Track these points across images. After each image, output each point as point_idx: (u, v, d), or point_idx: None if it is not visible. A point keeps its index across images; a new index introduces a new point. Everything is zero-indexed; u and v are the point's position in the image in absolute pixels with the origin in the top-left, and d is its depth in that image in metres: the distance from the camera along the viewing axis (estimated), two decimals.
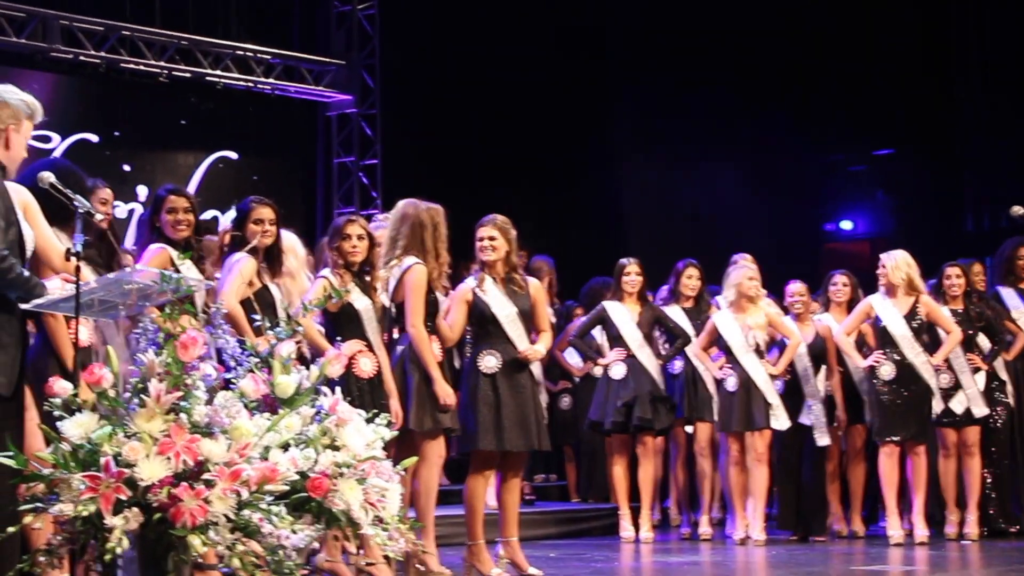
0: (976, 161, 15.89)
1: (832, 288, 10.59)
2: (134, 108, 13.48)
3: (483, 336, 7.97)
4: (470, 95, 14.74)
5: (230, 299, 6.93)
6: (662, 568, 9.16)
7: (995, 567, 8.88)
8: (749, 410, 9.92)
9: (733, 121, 15.68)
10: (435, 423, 7.61)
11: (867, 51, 15.62)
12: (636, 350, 10.25)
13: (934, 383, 9.97)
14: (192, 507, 4.81)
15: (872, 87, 15.58)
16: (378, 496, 5.35)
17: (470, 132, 14.76)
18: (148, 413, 4.94)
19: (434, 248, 7.72)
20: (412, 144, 14.63)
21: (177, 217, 6.98)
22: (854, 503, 10.61)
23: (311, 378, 5.50)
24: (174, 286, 5.24)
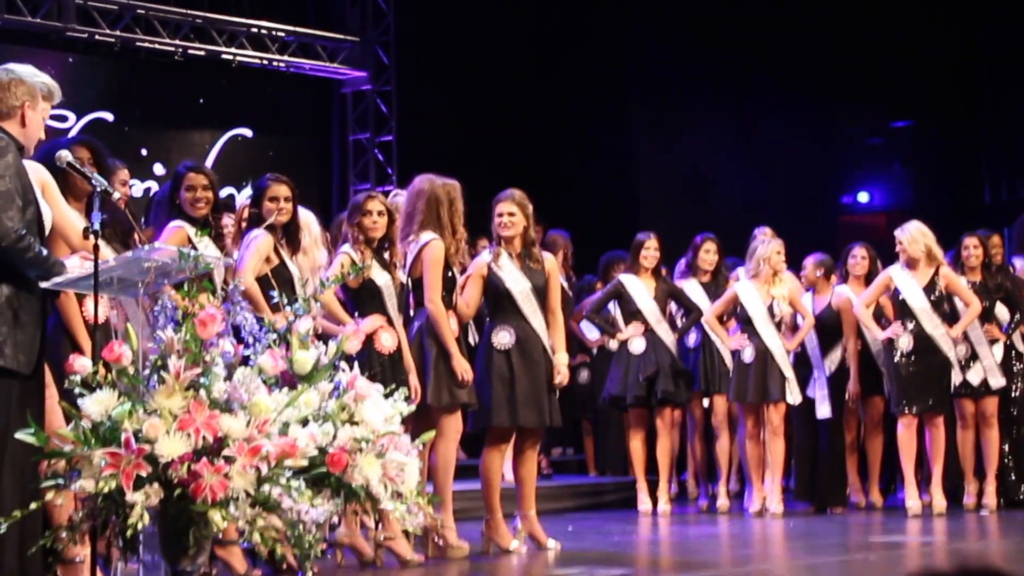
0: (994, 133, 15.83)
1: (851, 260, 10.58)
2: (149, 87, 13.49)
3: (497, 312, 7.99)
4: (485, 71, 14.72)
5: (247, 276, 6.95)
6: (680, 541, 9.18)
7: (1013, 537, 8.89)
8: (765, 382, 9.92)
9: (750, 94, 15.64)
10: (453, 398, 7.64)
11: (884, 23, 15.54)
12: (654, 324, 10.26)
13: (952, 355, 9.97)
14: (212, 483, 4.85)
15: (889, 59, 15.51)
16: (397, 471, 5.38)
17: (485, 108, 14.75)
18: (168, 390, 4.97)
19: (450, 223, 7.75)
20: (427, 120, 14.62)
21: (196, 195, 6.99)
22: (872, 474, 10.62)
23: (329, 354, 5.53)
24: (192, 264, 5.26)
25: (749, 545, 8.82)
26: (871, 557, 7.87)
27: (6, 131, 5.26)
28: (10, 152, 5.19)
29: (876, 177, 16.69)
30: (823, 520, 9.83)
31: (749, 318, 10.02)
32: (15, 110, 5.32)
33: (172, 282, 5.46)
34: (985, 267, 10.32)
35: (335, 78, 14.87)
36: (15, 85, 5.34)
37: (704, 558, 8.06)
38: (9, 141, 5.23)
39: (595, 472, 11.97)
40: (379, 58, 14.80)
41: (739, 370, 10.03)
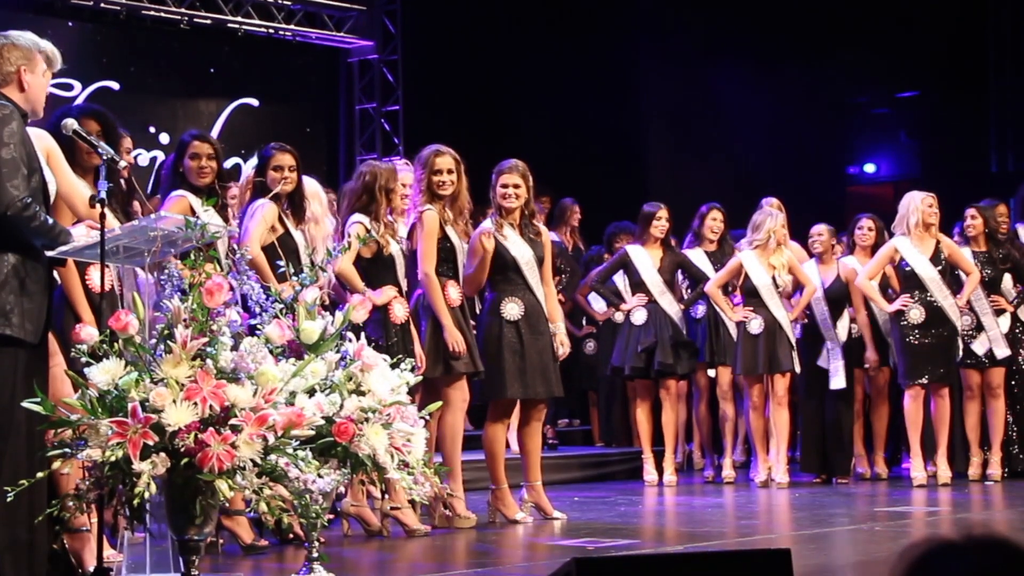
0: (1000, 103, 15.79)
1: (858, 232, 10.56)
2: (155, 55, 13.46)
3: (504, 282, 7.97)
4: (491, 41, 14.68)
5: (254, 245, 6.95)
6: (686, 511, 9.19)
7: (1018, 508, 8.90)
8: (774, 353, 9.91)
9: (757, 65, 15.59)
10: (447, 369, 7.63)
11: None
12: (658, 296, 10.24)
13: (959, 324, 9.96)
14: (219, 452, 4.85)
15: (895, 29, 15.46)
16: (403, 441, 5.40)
17: (491, 78, 14.71)
18: (174, 359, 4.97)
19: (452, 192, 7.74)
20: (434, 90, 14.58)
21: (201, 163, 6.98)
22: (877, 445, 10.62)
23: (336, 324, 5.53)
24: (198, 233, 5.25)
25: (755, 515, 8.83)
26: (876, 527, 7.87)
27: (8, 98, 5.23)
28: (14, 120, 5.17)
29: (882, 147, 16.66)
30: (828, 490, 9.85)
31: (755, 289, 10.00)
32: (11, 75, 5.28)
33: (178, 251, 5.46)
34: (990, 237, 10.30)
35: (341, 47, 14.83)
36: (8, 50, 5.29)
37: (709, 529, 8.07)
38: (12, 109, 5.20)
39: (601, 443, 11.99)
40: (386, 27, 14.76)
41: (746, 342, 10.01)
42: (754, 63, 15.54)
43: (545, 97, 14.88)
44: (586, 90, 15.24)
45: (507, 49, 14.71)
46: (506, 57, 14.72)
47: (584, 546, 6.97)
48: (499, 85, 14.70)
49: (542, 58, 14.84)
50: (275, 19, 13.99)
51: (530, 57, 14.80)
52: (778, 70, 15.49)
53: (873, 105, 16.68)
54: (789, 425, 10.16)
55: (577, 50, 15.11)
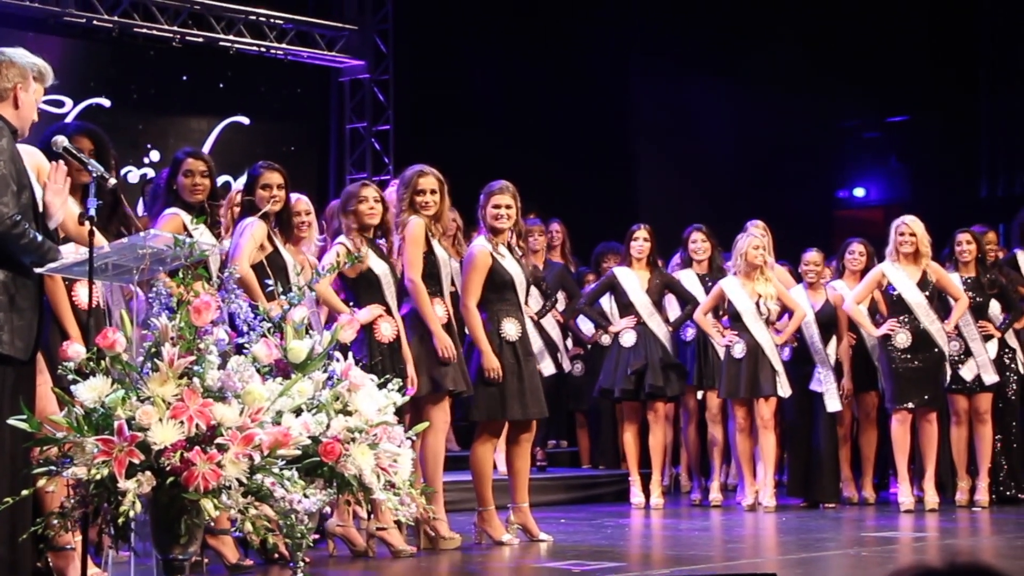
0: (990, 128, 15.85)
1: (849, 256, 10.57)
2: (147, 73, 13.47)
3: (500, 302, 7.96)
4: (482, 61, 14.72)
5: (242, 264, 6.94)
6: (672, 534, 9.18)
7: (1005, 534, 8.90)
8: (756, 377, 9.92)
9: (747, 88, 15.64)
10: (433, 387, 7.61)
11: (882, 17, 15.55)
12: (646, 317, 10.25)
13: (947, 349, 9.98)
14: (205, 471, 4.84)
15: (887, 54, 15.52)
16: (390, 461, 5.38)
17: (481, 98, 14.74)
18: (161, 377, 4.96)
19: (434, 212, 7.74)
20: (424, 110, 14.61)
21: (195, 180, 6.98)
22: (865, 469, 10.62)
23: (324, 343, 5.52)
24: (188, 251, 5.25)
25: (741, 539, 8.81)
26: (863, 552, 7.87)
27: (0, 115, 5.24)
28: (4, 136, 5.17)
29: (872, 172, 16.71)
30: (815, 515, 9.84)
31: (738, 314, 10.02)
32: (7, 92, 5.29)
33: (167, 269, 5.45)
34: (980, 263, 10.32)
35: (333, 66, 14.85)
36: (6, 67, 5.31)
37: (696, 552, 8.06)
38: (3, 125, 5.21)
39: (588, 465, 11.98)
40: (377, 47, 14.79)
41: (730, 366, 10.02)
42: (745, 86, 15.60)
43: (535, 117, 14.90)
44: (576, 111, 15.27)
45: (498, 69, 14.74)
46: (497, 78, 14.75)
47: (570, 569, 6.95)
48: (489, 105, 14.73)
49: (533, 79, 14.88)
50: (267, 38, 14.01)
51: (520, 78, 14.84)
52: (769, 94, 15.54)
53: (864, 129, 16.75)
54: (776, 449, 10.17)
55: (567, 71, 15.14)
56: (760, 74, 15.58)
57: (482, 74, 14.75)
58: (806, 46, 15.50)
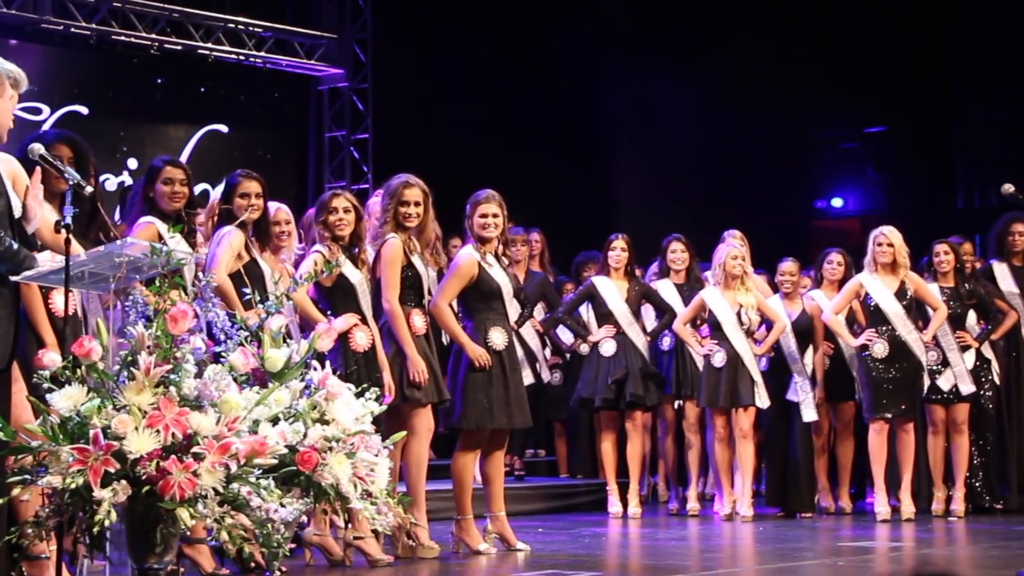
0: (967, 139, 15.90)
1: (827, 266, 10.59)
2: (125, 80, 13.44)
3: (487, 311, 7.95)
4: (461, 70, 14.72)
5: (220, 272, 6.92)
6: (650, 544, 9.18)
7: (981, 544, 8.92)
8: (736, 387, 9.94)
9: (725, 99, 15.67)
10: (411, 397, 7.60)
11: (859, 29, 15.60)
12: (625, 327, 10.26)
13: (924, 359, 10.01)
14: (181, 480, 4.83)
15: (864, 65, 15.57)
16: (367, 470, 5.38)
17: (460, 107, 14.75)
18: (137, 386, 4.95)
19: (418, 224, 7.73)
20: (403, 119, 14.60)
21: (174, 189, 6.94)
22: (842, 479, 10.64)
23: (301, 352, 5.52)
24: (164, 259, 5.23)
25: (718, 549, 8.82)
26: (840, 562, 7.88)
27: None
28: None
29: (850, 182, 16.75)
30: (793, 524, 9.85)
31: (718, 323, 10.03)
32: None
33: (143, 278, 5.43)
34: (958, 273, 10.35)
35: (312, 75, 14.84)
36: None
37: (673, 561, 8.06)
38: None
39: (566, 474, 11.97)
40: (356, 55, 14.78)
41: (709, 375, 10.04)
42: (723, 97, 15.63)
43: (513, 126, 14.91)
44: (554, 120, 15.29)
45: (476, 79, 14.75)
46: (475, 86, 14.76)
47: None
48: (468, 114, 14.73)
49: (511, 88, 14.89)
50: (246, 46, 14.00)
51: (499, 87, 14.84)
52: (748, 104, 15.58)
53: (841, 140, 16.78)
54: (754, 458, 10.18)
55: (546, 81, 15.16)
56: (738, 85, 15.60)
57: (460, 83, 14.75)
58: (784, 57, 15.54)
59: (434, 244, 8.10)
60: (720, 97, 15.64)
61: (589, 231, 12.90)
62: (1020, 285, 10.55)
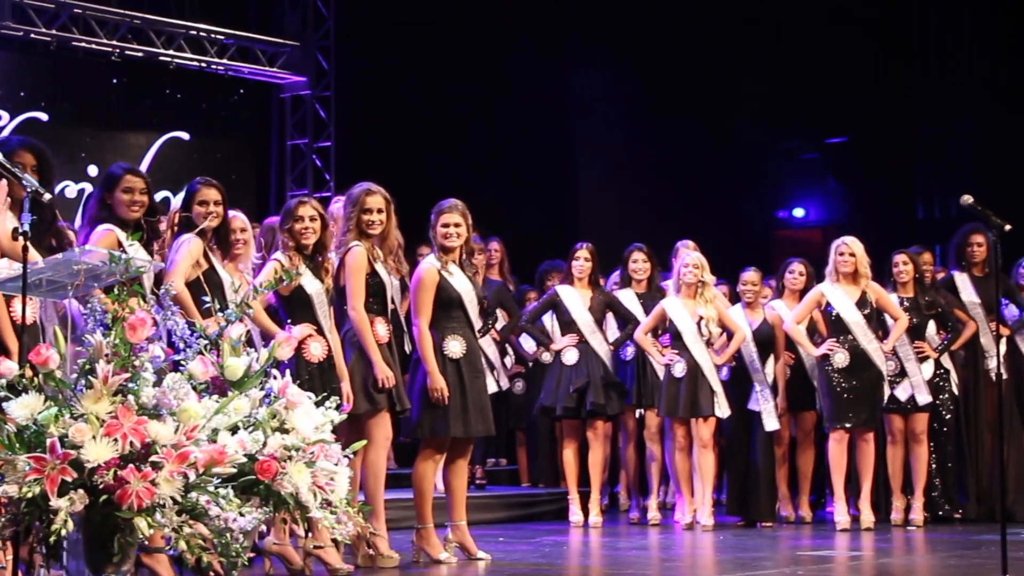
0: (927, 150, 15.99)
1: (788, 276, 10.62)
2: (85, 87, 13.39)
3: (447, 319, 7.96)
4: (424, 79, 14.72)
5: (178, 280, 6.89)
6: (610, 553, 9.19)
7: (940, 553, 8.97)
8: (695, 397, 9.96)
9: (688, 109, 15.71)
10: (372, 404, 7.60)
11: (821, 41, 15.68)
12: (588, 335, 10.28)
13: (884, 369, 10.05)
14: (139, 489, 4.79)
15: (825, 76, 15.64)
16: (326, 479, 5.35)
17: (423, 115, 14.74)
18: (95, 394, 4.91)
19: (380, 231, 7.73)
20: (366, 127, 14.59)
21: (133, 198, 6.89)
22: (802, 488, 10.68)
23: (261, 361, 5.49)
24: (123, 267, 5.20)
25: (678, 558, 8.84)
26: (799, 571, 7.91)
27: None
28: None
29: (811, 192, 16.82)
30: (753, 533, 9.88)
31: (678, 333, 10.05)
32: None
33: (102, 285, 5.40)
34: (918, 284, 10.40)
35: (274, 82, 14.82)
36: None
37: (633, 571, 8.08)
38: None
39: (528, 483, 11.97)
40: (319, 63, 14.77)
41: (669, 385, 10.06)
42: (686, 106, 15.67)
43: (476, 135, 14.92)
44: (518, 129, 15.30)
45: (438, 87, 14.75)
46: (438, 95, 14.76)
47: None
48: (431, 123, 14.73)
49: (473, 97, 14.90)
50: (207, 53, 13.96)
51: (462, 95, 14.85)
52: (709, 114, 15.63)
53: (802, 150, 16.85)
54: (715, 468, 10.20)
55: (508, 90, 15.18)
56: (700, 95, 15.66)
57: (423, 91, 14.75)
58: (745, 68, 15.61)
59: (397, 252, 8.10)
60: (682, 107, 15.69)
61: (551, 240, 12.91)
62: (981, 295, 10.62)
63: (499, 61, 15.10)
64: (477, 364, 8.07)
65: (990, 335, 10.51)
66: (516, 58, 15.24)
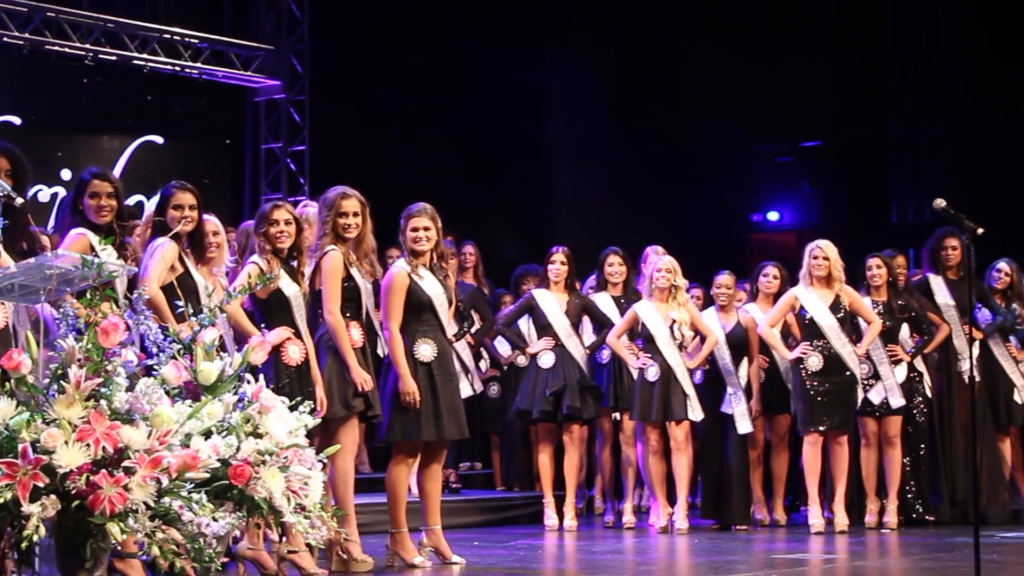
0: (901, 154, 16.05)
1: (762, 279, 10.64)
2: (59, 91, 13.34)
3: (417, 323, 7.95)
4: (398, 81, 14.71)
5: (152, 285, 6.87)
6: (585, 557, 9.19)
7: (913, 556, 8.99)
8: (668, 401, 9.97)
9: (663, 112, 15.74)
10: (345, 409, 7.59)
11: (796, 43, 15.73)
12: (564, 339, 10.28)
13: (858, 372, 10.08)
14: (111, 494, 4.78)
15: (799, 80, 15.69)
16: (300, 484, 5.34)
17: (398, 119, 14.73)
18: (67, 399, 4.90)
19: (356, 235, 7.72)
20: (340, 130, 14.57)
21: (100, 202, 6.89)
22: (777, 491, 10.69)
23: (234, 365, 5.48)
24: (95, 272, 5.19)
25: (653, 561, 8.85)
26: (773, 574, 7.92)
27: None
28: None
29: (786, 196, 16.86)
30: (727, 537, 9.89)
31: (651, 337, 10.06)
32: None
33: (74, 290, 5.38)
34: (891, 287, 10.43)
35: (248, 86, 14.79)
36: None
37: (608, 574, 8.08)
38: None
39: (502, 487, 11.96)
40: (293, 67, 14.75)
41: (643, 388, 10.06)
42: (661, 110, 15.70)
43: (452, 138, 14.92)
44: (493, 133, 15.30)
45: (413, 91, 14.74)
46: (412, 98, 14.75)
47: None
48: (405, 126, 14.72)
49: (449, 99, 14.90)
50: (181, 57, 13.93)
51: (437, 99, 14.85)
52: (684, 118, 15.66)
53: (777, 154, 16.89)
54: (690, 471, 10.21)
55: (483, 93, 15.18)
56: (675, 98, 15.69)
57: (397, 94, 14.74)
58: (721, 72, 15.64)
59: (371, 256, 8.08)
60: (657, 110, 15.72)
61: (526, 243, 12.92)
62: (955, 298, 10.65)
63: (473, 66, 15.10)
64: (449, 367, 8.06)
65: (963, 338, 10.55)
66: (491, 63, 15.24)
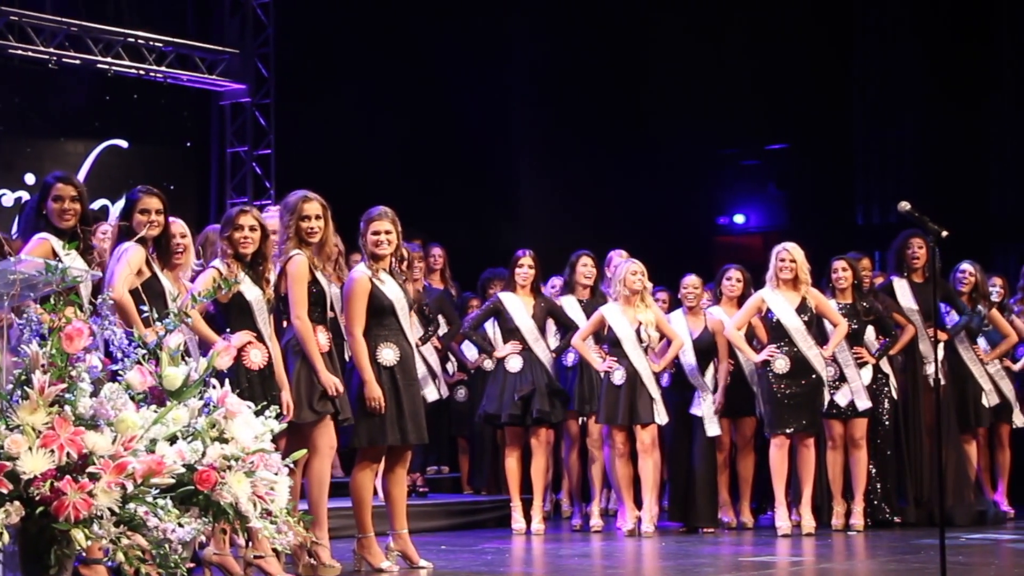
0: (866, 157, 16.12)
1: (726, 282, 10.67)
2: (22, 95, 13.26)
3: (378, 327, 7.94)
4: (364, 86, 14.70)
5: (120, 289, 6.85)
6: (553, 560, 9.19)
7: (880, 557, 9.03)
8: (634, 404, 9.97)
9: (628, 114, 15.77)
10: (315, 413, 7.57)
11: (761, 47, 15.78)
12: (531, 343, 10.27)
13: (825, 375, 10.11)
14: (75, 500, 4.75)
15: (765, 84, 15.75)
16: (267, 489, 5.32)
17: (364, 123, 14.71)
18: (31, 405, 4.87)
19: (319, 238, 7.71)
20: (306, 135, 14.54)
21: (63, 206, 6.86)
22: (743, 494, 10.72)
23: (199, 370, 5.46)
24: (59, 277, 5.16)
25: (620, 564, 8.85)
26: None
27: None
28: None
29: (751, 199, 16.91)
30: (694, 539, 9.91)
31: (617, 340, 10.06)
32: None
33: (38, 295, 5.35)
34: (856, 290, 10.47)
35: (213, 90, 14.74)
36: None
37: None
38: None
39: (470, 490, 11.96)
40: (259, 71, 14.70)
41: (609, 392, 10.06)
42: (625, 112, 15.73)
43: (416, 141, 14.90)
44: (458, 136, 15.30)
45: (379, 94, 14.73)
46: (378, 102, 14.74)
47: None
48: (371, 130, 14.70)
49: (415, 104, 14.88)
50: (146, 60, 13.87)
51: (402, 103, 14.83)
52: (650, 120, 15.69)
53: (743, 157, 16.94)
54: (658, 474, 10.22)
55: (449, 96, 15.17)
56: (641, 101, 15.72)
57: (363, 98, 14.72)
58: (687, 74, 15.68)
59: (337, 259, 8.07)
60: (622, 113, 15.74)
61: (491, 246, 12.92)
62: (919, 301, 10.69)
63: (438, 70, 15.09)
64: (411, 371, 8.05)
65: (928, 341, 10.60)
66: (455, 67, 15.23)
